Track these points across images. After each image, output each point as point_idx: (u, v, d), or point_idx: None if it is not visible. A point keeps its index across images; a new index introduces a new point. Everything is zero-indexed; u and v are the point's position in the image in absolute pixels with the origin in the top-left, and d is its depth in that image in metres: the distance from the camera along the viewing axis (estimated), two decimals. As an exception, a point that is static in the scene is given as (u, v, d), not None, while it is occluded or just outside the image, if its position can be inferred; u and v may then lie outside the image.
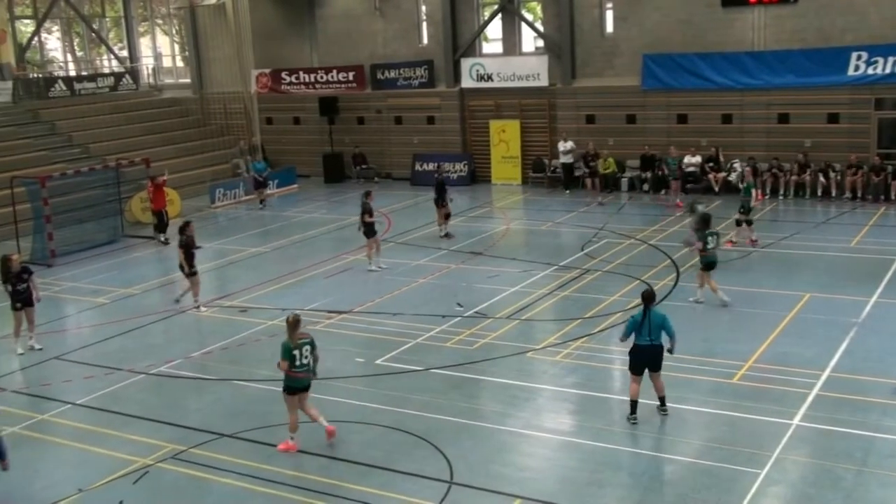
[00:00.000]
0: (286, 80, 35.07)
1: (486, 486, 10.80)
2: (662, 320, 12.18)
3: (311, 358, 11.89)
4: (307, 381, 11.99)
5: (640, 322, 12.09)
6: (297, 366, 11.74)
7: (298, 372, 11.79)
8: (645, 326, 12.06)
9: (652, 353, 12.16)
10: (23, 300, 16.55)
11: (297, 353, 11.73)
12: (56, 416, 13.65)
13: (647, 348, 12.12)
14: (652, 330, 12.06)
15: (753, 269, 19.39)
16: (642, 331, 12.08)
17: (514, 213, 27.32)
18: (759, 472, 10.67)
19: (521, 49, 32.10)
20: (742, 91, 27.69)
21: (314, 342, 11.99)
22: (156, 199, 25.55)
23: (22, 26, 40.21)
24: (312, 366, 11.95)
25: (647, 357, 12.18)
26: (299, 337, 11.81)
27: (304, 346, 11.79)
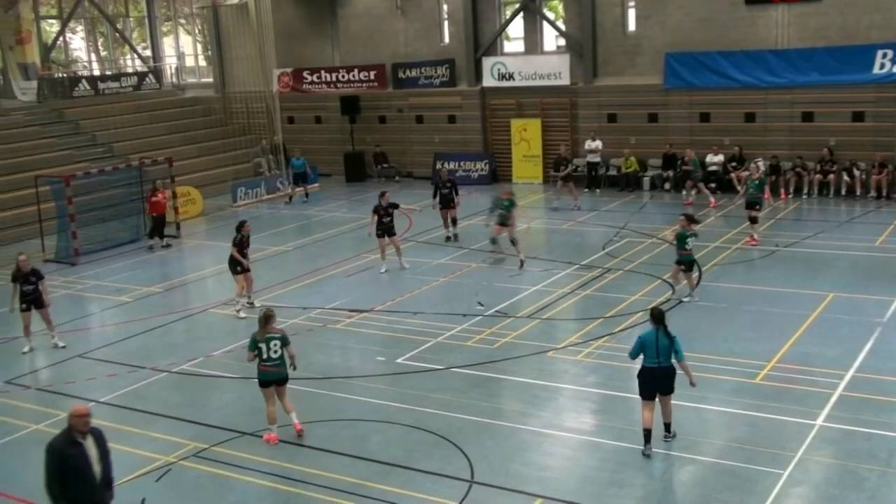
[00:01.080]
0: (308, 80, 35.16)
1: (507, 485, 10.79)
2: (672, 342, 11.32)
3: (284, 353, 12.20)
4: (278, 374, 12.25)
5: (649, 342, 11.29)
6: (264, 359, 12.13)
7: (267, 365, 12.15)
8: (653, 347, 11.26)
9: (663, 375, 11.32)
10: (29, 301, 16.68)
11: (264, 346, 12.11)
12: (80, 413, 13.74)
13: (656, 371, 11.29)
14: (660, 351, 11.25)
15: (776, 269, 19.26)
16: (650, 352, 11.30)
17: (535, 213, 27.25)
18: (782, 473, 10.60)
19: (542, 48, 32.03)
20: (765, 89, 27.50)
21: (286, 338, 12.29)
22: (155, 204, 25.03)
23: (47, 26, 40.53)
24: (286, 361, 12.28)
25: (658, 380, 11.33)
26: (270, 332, 12.17)
27: (273, 340, 12.13)
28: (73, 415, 8.77)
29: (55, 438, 8.80)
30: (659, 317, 11.43)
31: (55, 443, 8.70)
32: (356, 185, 33.82)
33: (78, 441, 8.68)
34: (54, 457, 8.59)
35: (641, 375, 11.46)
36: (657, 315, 11.47)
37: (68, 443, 8.66)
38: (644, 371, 11.40)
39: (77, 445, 8.67)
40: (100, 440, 8.88)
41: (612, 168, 30.00)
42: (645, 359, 11.36)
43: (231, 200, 30.81)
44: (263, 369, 12.23)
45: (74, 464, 8.61)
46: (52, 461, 8.59)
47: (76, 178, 25.01)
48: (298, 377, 14.47)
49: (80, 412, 8.78)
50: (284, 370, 12.32)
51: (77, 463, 8.63)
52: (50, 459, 8.60)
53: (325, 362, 15.31)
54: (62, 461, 8.58)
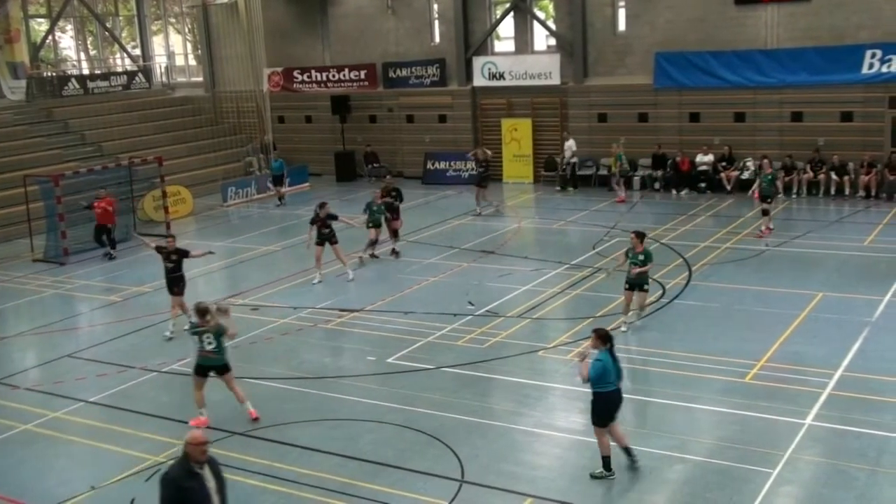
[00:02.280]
0: (298, 79, 35.12)
1: (498, 484, 10.79)
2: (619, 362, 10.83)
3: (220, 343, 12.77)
4: (215, 361, 12.81)
5: (609, 366, 10.57)
6: (205, 346, 12.78)
7: (206, 352, 12.80)
8: (611, 371, 10.59)
9: (620, 399, 10.80)
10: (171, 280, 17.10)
11: (198, 337, 12.74)
12: (69, 413, 13.70)
13: (615, 394, 10.70)
14: (617, 374, 10.67)
15: (766, 268, 19.32)
16: (609, 376, 10.58)
17: (526, 212, 27.28)
18: (772, 472, 10.63)
19: (533, 47, 32.05)
20: (755, 89, 27.59)
21: (220, 330, 12.69)
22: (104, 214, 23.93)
23: (36, 25, 40.38)
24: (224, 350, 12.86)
25: (617, 404, 10.74)
26: (202, 325, 12.73)
27: (206, 334, 12.70)
28: (190, 443, 8.05)
29: (171, 469, 8.13)
30: (608, 338, 10.74)
31: (171, 473, 8.02)
32: (347, 184, 33.79)
33: (196, 471, 8.00)
34: (171, 489, 7.92)
35: (603, 401, 10.65)
36: (607, 336, 10.76)
37: (186, 474, 7.96)
38: (604, 397, 10.63)
39: (195, 477, 7.99)
40: (216, 470, 8.21)
41: (603, 168, 30.06)
42: (604, 384, 10.58)
43: (221, 200, 30.73)
44: (202, 355, 12.81)
45: (193, 497, 7.93)
46: (169, 494, 7.93)
47: (65, 178, 24.90)
48: (289, 376, 14.50)
49: (199, 440, 8.07)
50: (222, 358, 12.82)
51: (196, 497, 7.94)
52: (167, 492, 7.94)
53: (316, 362, 15.30)
54: (180, 494, 7.89)
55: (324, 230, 20.01)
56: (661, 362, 14.29)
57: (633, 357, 14.90)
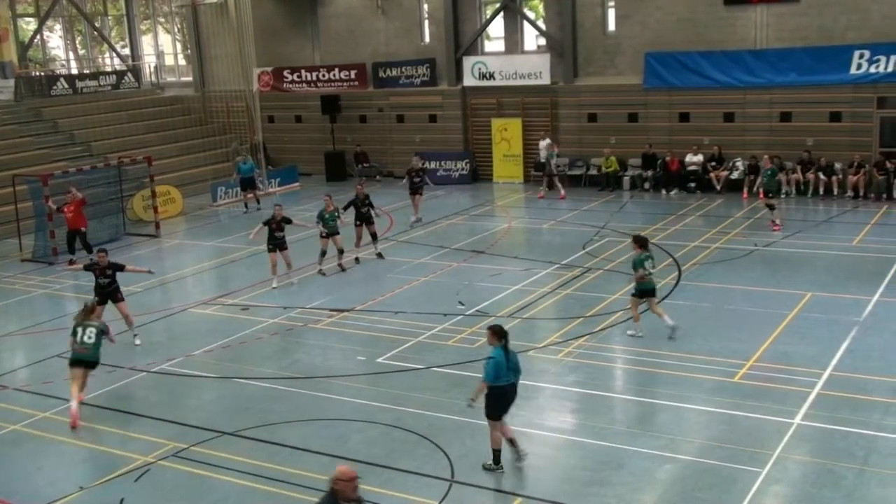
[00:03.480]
0: (288, 79, 35.05)
1: (487, 484, 10.81)
2: (517, 357, 11.09)
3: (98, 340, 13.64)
4: (88, 356, 13.62)
5: (503, 361, 10.78)
6: (79, 342, 13.57)
7: (81, 348, 13.56)
8: (504, 366, 10.81)
9: (515, 393, 11.03)
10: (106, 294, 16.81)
11: (80, 330, 13.59)
12: (58, 413, 13.65)
13: (510, 388, 10.92)
14: (512, 367, 10.91)
15: (756, 268, 19.39)
16: (503, 371, 10.81)
17: (516, 212, 27.32)
18: (761, 472, 10.67)
19: (523, 47, 32.08)
20: (744, 89, 27.68)
21: (103, 330, 13.81)
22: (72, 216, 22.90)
23: (24, 24, 40.23)
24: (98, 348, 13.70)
25: (511, 398, 11.00)
26: (90, 320, 13.78)
27: (90, 327, 13.62)
28: (340, 479, 7.34)
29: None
30: (502, 334, 10.90)
31: None
32: (337, 184, 33.70)
33: None
34: None
35: (496, 396, 10.84)
36: (501, 332, 10.92)
37: None
38: (499, 391, 10.82)
39: None
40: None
41: (593, 168, 30.11)
42: (500, 378, 10.78)
43: (211, 200, 30.66)
44: (77, 350, 13.57)
45: None
46: None
47: (54, 178, 24.79)
48: (279, 376, 14.49)
49: (349, 475, 7.35)
50: (95, 355, 13.65)
51: None
52: None
53: (306, 362, 15.28)
54: None
55: (278, 233, 19.65)
56: (651, 362, 14.33)
57: (622, 357, 14.94)
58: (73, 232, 23.07)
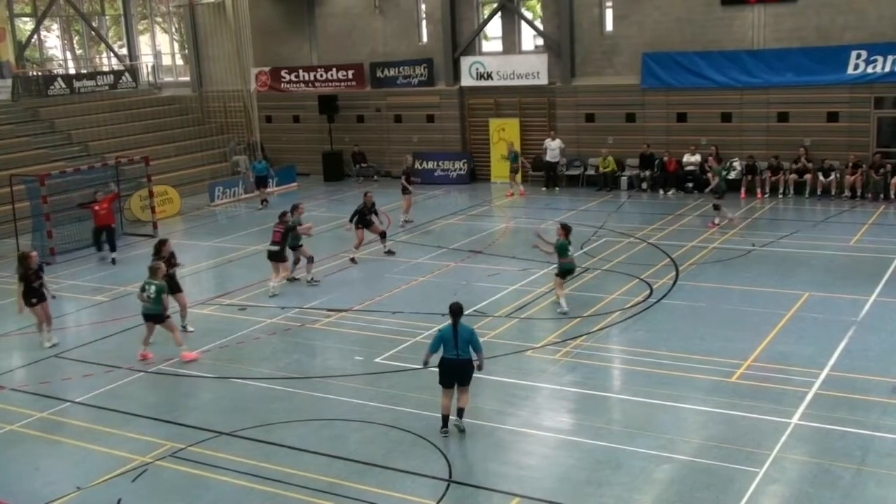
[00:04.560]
0: (286, 79, 35.07)
1: (485, 484, 10.81)
2: (470, 335, 11.99)
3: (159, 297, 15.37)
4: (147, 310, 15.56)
5: (448, 336, 11.93)
6: (144, 297, 15.41)
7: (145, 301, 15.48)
8: (451, 341, 11.89)
9: (460, 367, 11.96)
10: (39, 296, 16.70)
11: (146, 286, 15.43)
12: (55, 413, 13.64)
13: (454, 362, 11.92)
14: (459, 344, 11.87)
15: (752, 268, 19.40)
16: (449, 345, 11.92)
17: (514, 212, 27.31)
18: (758, 471, 10.67)
19: (520, 47, 32.10)
20: (741, 90, 27.71)
21: (161, 289, 15.44)
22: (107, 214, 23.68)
23: (21, 24, 40.18)
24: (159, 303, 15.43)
25: (456, 371, 11.96)
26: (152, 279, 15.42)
27: (151, 285, 15.36)
28: None
29: None
30: (458, 311, 12.06)
31: None
32: (334, 184, 33.76)
33: None
34: None
35: (441, 366, 12.06)
36: (456, 309, 12.07)
37: None
38: (444, 362, 12.02)
39: None
40: None
41: (591, 168, 30.13)
42: (446, 350, 11.99)
43: (209, 200, 30.65)
44: (144, 304, 15.50)
45: None
46: None
47: (51, 178, 24.76)
48: (276, 376, 14.48)
49: None
50: (154, 309, 15.36)
51: None
52: None
53: (304, 362, 15.27)
54: None
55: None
56: (648, 362, 14.33)
57: (620, 357, 14.94)
58: (102, 228, 23.50)
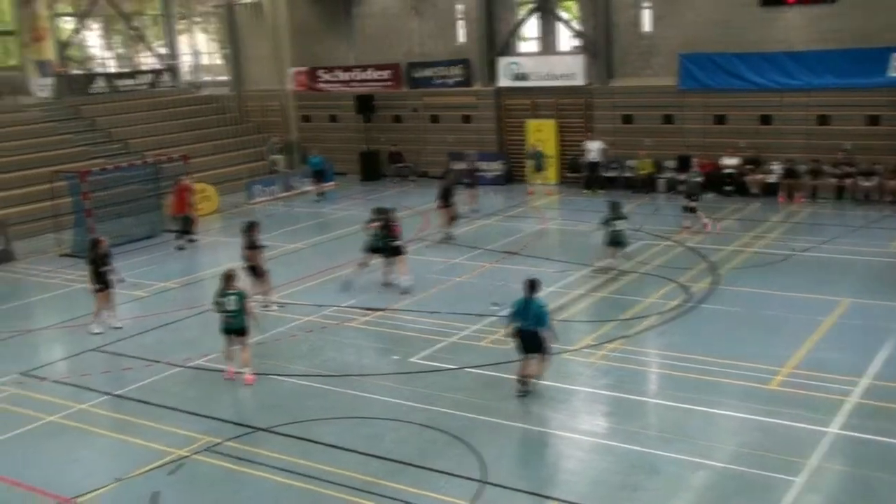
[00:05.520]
0: (323, 78, 35.28)
1: (519, 486, 10.81)
2: (539, 309, 13.11)
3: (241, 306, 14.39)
4: (235, 324, 14.46)
5: (519, 309, 13.12)
6: (224, 311, 14.43)
7: (226, 316, 14.44)
8: (522, 312, 13.06)
9: (529, 336, 13.08)
10: (105, 282, 17.23)
11: (224, 300, 14.40)
12: (95, 406, 13.86)
13: (524, 332, 13.09)
14: (530, 316, 12.99)
15: (791, 273, 19.20)
16: (520, 317, 13.08)
17: (550, 213, 27.26)
18: (794, 480, 10.57)
19: (557, 48, 32.02)
20: (781, 92, 27.43)
21: (243, 294, 14.59)
22: (177, 203, 25.10)
23: (63, 23, 40.73)
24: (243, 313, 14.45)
25: (525, 339, 13.12)
26: (230, 289, 14.41)
27: (230, 295, 14.38)
28: None
29: None
30: (530, 285, 13.23)
31: None
32: (371, 184, 33.89)
33: None
34: None
35: (515, 335, 13.25)
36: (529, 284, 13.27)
37: None
38: (516, 332, 13.19)
39: None
40: None
41: (628, 169, 29.97)
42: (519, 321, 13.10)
43: (246, 198, 30.92)
44: (224, 320, 14.49)
45: None
46: None
47: (92, 175, 25.09)
48: (313, 374, 14.59)
49: None
50: (240, 322, 14.42)
51: None
52: None
53: (340, 360, 15.37)
54: None
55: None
56: (685, 367, 14.24)
57: (656, 361, 14.87)
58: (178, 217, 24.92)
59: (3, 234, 24.01)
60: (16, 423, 13.30)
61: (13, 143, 29.49)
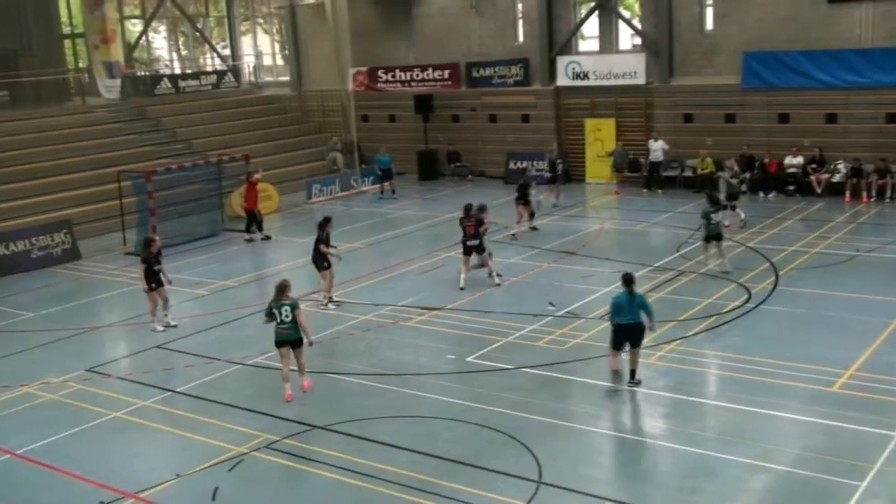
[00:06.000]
0: (382, 78, 35.45)
1: (575, 486, 10.73)
2: (642, 300, 13.56)
3: (293, 317, 13.63)
4: (289, 336, 13.75)
5: (623, 303, 13.41)
6: (278, 322, 13.71)
7: (281, 328, 13.71)
8: (626, 306, 13.36)
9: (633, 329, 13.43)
10: (157, 281, 17.49)
11: (277, 311, 13.67)
12: (157, 402, 14.11)
13: (628, 325, 13.40)
14: (633, 309, 13.34)
15: (857, 274, 18.76)
16: (624, 311, 13.39)
17: (608, 213, 27.05)
18: (859, 485, 10.33)
19: (617, 47, 31.73)
20: (847, 90, 26.82)
21: (296, 304, 13.77)
22: (248, 198, 25.93)
23: (130, 26, 41.62)
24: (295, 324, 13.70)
25: (630, 333, 13.45)
26: (283, 299, 13.69)
27: (284, 306, 13.63)
28: None
29: None
30: (629, 280, 13.51)
31: None
32: (429, 183, 33.98)
33: None
34: None
35: (615, 330, 13.59)
36: (625, 278, 13.57)
37: None
38: (618, 326, 13.51)
39: None
40: None
41: (688, 169, 29.59)
42: (619, 316, 13.42)
43: (306, 197, 31.24)
44: (278, 331, 13.77)
45: None
46: None
47: (157, 174, 25.56)
48: (369, 373, 14.68)
49: None
50: (295, 333, 13.70)
51: None
52: None
53: (396, 359, 15.43)
54: None
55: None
56: (744, 368, 14.01)
57: (715, 362, 14.65)
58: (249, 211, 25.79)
59: (69, 233, 24.59)
60: (81, 418, 13.60)
61: (81, 144, 30.18)
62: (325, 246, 18.46)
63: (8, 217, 25.79)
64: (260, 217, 26.14)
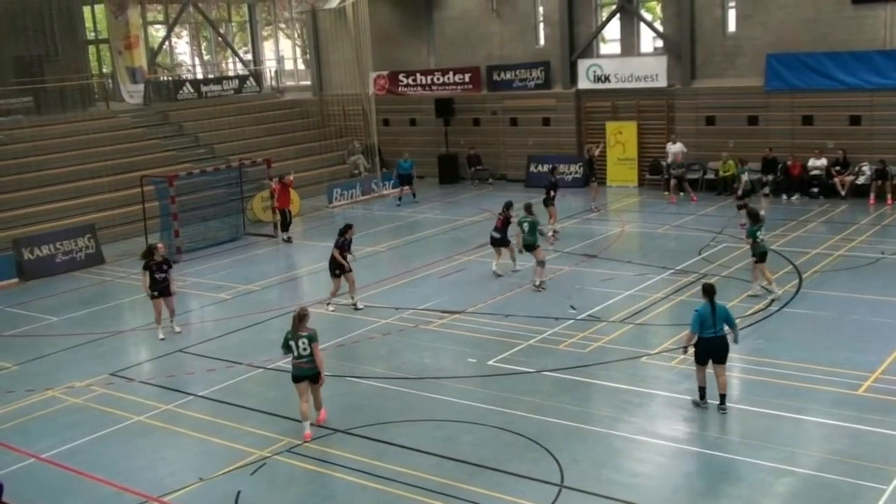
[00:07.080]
0: (403, 82, 35.50)
1: (597, 490, 10.68)
2: (726, 312, 12.72)
3: (311, 350, 12.42)
4: (310, 371, 12.54)
5: (706, 316, 12.54)
6: (296, 356, 12.51)
7: (300, 362, 12.51)
8: (710, 319, 12.49)
9: (718, 344, 12.56)
10: (161, 289, 17.50)
11: (294, 344, 12.45)
12: (179, 406, 14.17)
13: (713, 340, 12.53)
14: (717, 322, 12.50)
15: (882, 277, 18.59)
16: (708, 324, 12.51)
17: (630, 216, 26.94)
18: (885, 489, 10.22)
19: (639, 49, 31.63)
20: (872, 91, 26.59)
21: (314, 336, 12.50)
22: (281, 198, 26.22)
23: (153, 31, 41.92)
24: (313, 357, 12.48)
25: (716, 348, 12.57)
26: (301, 330, 12.45)
27: (302, 338, 12.41)
28: None
29: None
30: (709, 291, 12.72)
31: None
32: (450, 187, 33.99)
33: None
34: None
35: (700, 345, 12.63)
36: (706, 289, 12.80)
37: None
38: (701, 341, 12.57)
39: None
40: None
41: (710, 171, 29.43)
42: (703, 330, 12.49)
43: (327, 201, 31.32)
44: (296, 365, 12.60)
45: None
46: None
47: (179, 179, 25.72)
48: (390, 376, 14.68)
49: None
50: (314, 367, 12.54)
51: None
52: None
53: (417, 362, 15.43)
54: None
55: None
56: (768, 371, 13.91)
57: (739, 365, 14.54)
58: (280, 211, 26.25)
59: (92, 237, 24.78)
60: (105, 422, 13.68)
61: (104, 149, 30.38)
62: (343, 252, 18.41)
63: (33, 222, 26.05)
64: (290, 218, 26.40)
